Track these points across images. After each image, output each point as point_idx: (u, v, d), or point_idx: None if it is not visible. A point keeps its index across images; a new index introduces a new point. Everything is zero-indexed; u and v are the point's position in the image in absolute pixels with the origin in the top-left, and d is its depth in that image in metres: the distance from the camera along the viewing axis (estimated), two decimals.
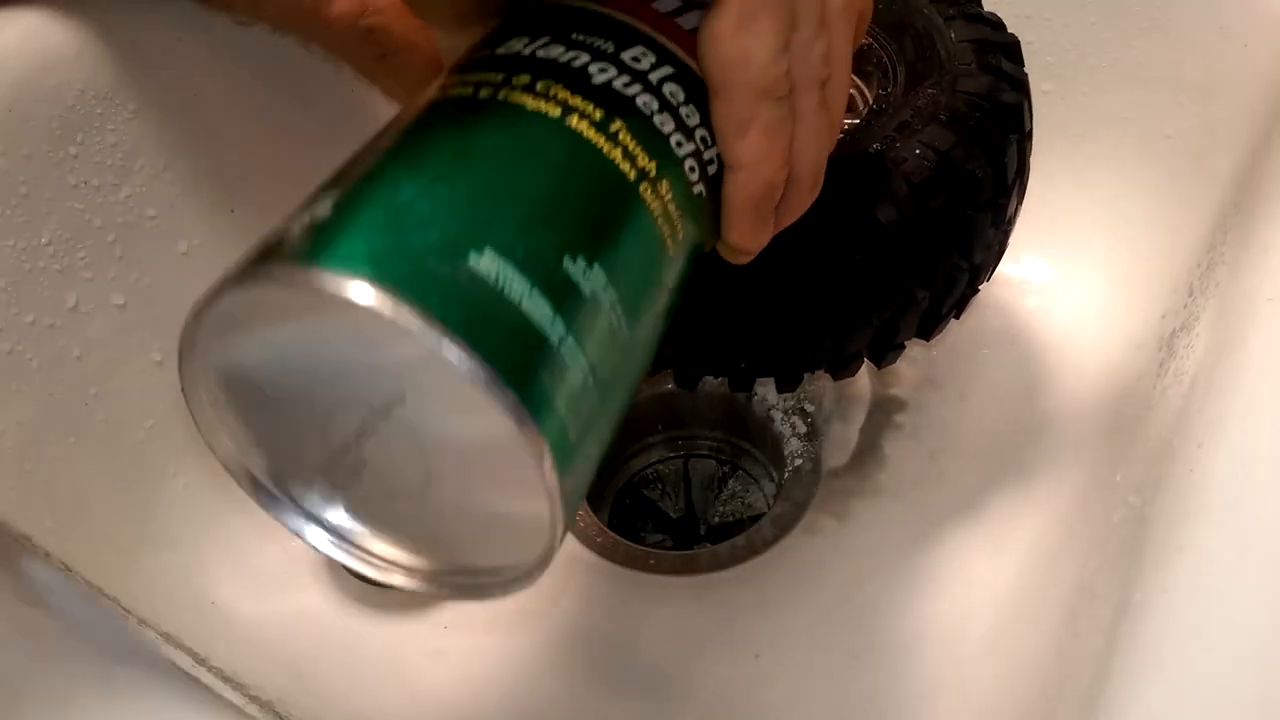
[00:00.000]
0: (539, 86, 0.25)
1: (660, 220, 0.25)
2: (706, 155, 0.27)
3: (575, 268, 0.22)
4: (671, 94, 0.26)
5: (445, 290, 0.20)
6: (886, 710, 0.43)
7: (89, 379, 0.44)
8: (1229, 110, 0.51)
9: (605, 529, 0.50)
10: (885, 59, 0.44)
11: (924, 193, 0.38)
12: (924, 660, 0.44)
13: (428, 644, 0.46)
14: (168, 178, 0.47)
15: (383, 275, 0.20)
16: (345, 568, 0.25)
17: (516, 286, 0.21)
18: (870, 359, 0.44)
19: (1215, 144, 0.51)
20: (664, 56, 0.26)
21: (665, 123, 0.26)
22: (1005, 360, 0.54)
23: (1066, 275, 0.57)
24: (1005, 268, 0.58)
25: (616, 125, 0.25)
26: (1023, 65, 0.44)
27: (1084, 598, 0.37)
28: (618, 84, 0.25)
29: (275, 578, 0.49)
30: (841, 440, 0.52)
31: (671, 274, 0.26)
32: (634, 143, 0.25)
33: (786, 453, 0.52)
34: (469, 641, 0.46)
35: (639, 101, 0.26)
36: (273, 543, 0.50)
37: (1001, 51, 0.43)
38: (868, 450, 0.52)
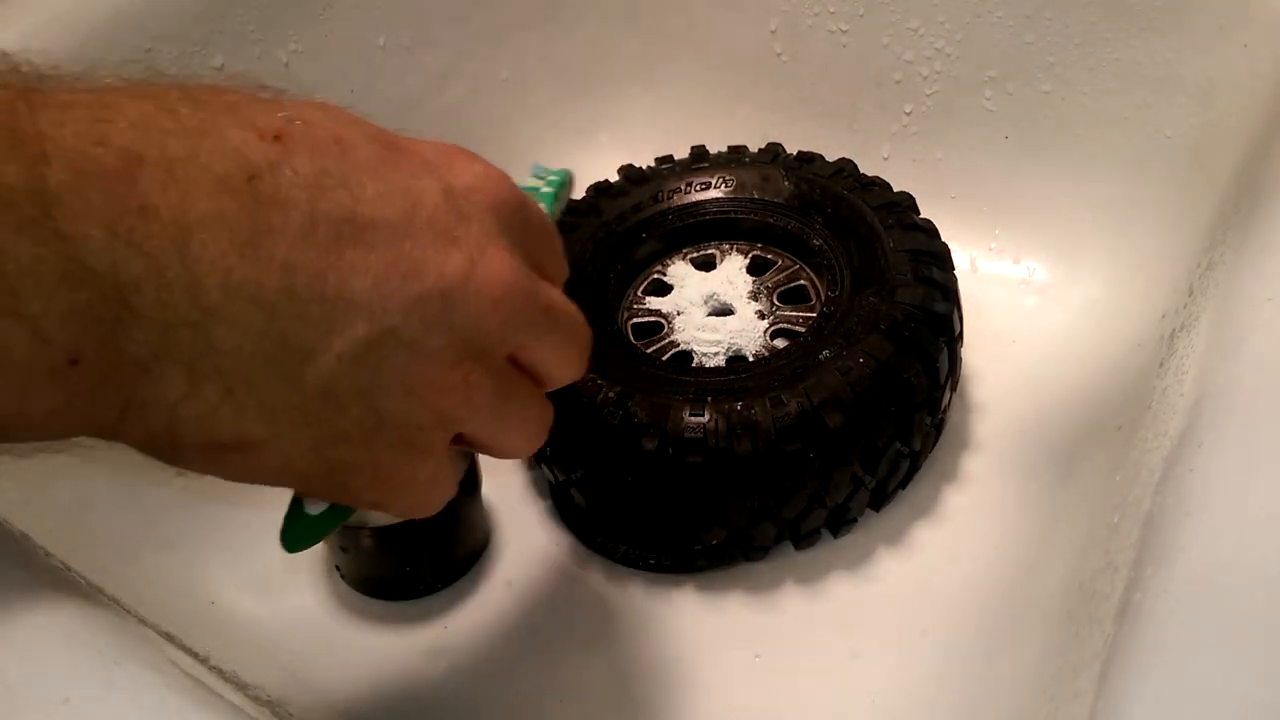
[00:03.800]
0: None
1: None
2: None
3: None
4: None
5: None
6: (886, 710, 0.43)
7: None
8: (1229, 110, 0.51)
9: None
10: (835, 261, 0.49)
11: (867, 399, 0.44)
12: (924, 660, 0.44)
13: (428, 644, 0.46)
14: None
15: None
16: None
17: None
18: (829, 531, 0.48)
19: (1215, 144, 0.51)
20: None
21: None
22: (1005, 360, 0.54)
23: (1066, 275, 0.57)
24: (1005, 268, 0.58)
25: None
26: (953, 271, 0.49)
27: (1084, 598, 0.37)
28: None
29: (275, 578, 0.49)
30: None
31: None
32: None
33: None
34: (469, 641, 0.46)
35: None
36: (273, 543, 0.50)
37: (934, 262, 0.48)
38: None
